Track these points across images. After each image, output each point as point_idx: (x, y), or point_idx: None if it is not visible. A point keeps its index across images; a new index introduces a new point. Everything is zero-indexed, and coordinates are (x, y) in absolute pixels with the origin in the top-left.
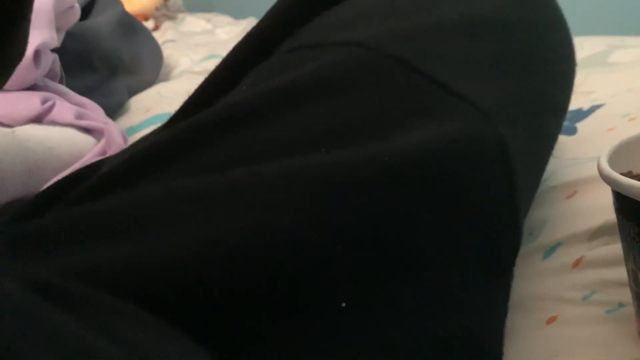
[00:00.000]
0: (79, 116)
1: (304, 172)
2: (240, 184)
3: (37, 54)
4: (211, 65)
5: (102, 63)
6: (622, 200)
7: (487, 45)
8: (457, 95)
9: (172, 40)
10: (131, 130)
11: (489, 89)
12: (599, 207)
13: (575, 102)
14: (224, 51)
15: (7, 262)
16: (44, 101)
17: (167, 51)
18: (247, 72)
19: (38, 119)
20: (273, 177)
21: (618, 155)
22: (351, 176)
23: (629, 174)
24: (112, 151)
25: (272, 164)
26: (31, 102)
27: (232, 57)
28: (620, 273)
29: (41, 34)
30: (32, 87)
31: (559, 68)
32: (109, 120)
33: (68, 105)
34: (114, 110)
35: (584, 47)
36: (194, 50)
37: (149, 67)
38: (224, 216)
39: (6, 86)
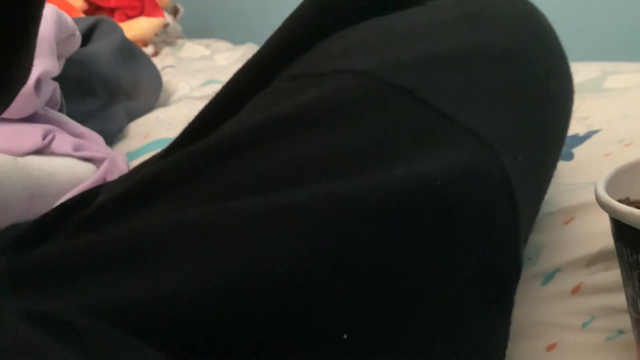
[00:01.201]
0: (77, 148)
1: (305, 203)
2: (242, 217)
3: (38, 82)
4: (210, 90)
5: (102, 89)
6: (620, 228)
7: (487, 74)
8: (459, 125)
9: (172, 66)
10: (130, 155)
11: (490, 118)
12: (597, 233)
13: (571, 128)
14: (222, 76)
15: (7, 294)
16: (44, 135)
17: (166, 77)
18: (248, 99)
19: (38, 152)
20: (275, 210)
21: (615, 181)
22: (353, 207)
23: (626, 200)
24: (115, 178)
25: (274, 195)
26: (32, 136)
27: (233, 84)
28: (620, 299)
29: (43, 62)
30: (32, 116)
31: (558, 95)
32: (109, 150)
33: (67, 137)
34: (113, 135)
35: (579, 72)
36: (193, 76)
37: (148, 93)
38: (225, 251)
39: (7, 114)
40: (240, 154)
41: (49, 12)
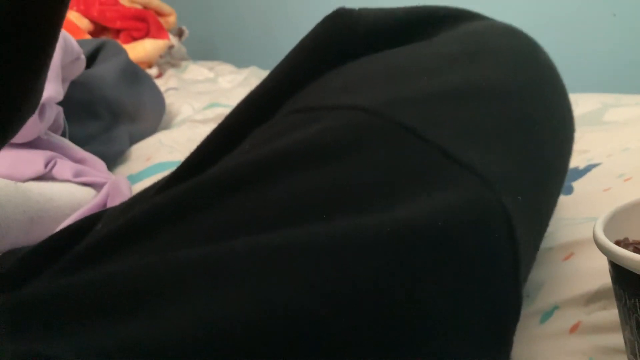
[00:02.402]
0: (78, 174)
1: (306, 242)
2: (244, 256)
3: (42, 107)
4: (212, 113)
5: (105, 111)
6: (619, 271)
7: (489, 112)
8: (461, 164)
9: (175, 88)
10: (131, 178)
11: (492, 156)
12: (596, 270)
13: (571, 161)
14: (225, 100)
15: (6, 334)
16: (46, 163)
17: (169, 99)
18: (251, 130)
19: (39, 178)
20: (276, 249)
21: (614, 221)
22: (354, 247)
23: (625, 241)
24: (118, 203)
25: (275, 234)
26: (35, 163)
27: (236, 114)
28: (618, 339)
29: (47, 88)
30: (35, 140)
31: (559, 132)
32: (111, 175)
33: (68, 163)
34: (114, 158)
35: (579, 104)
36: (196, 98)
37: (151, 116)
38: (227, 295)
39: None
40: (240, 191)
41: None
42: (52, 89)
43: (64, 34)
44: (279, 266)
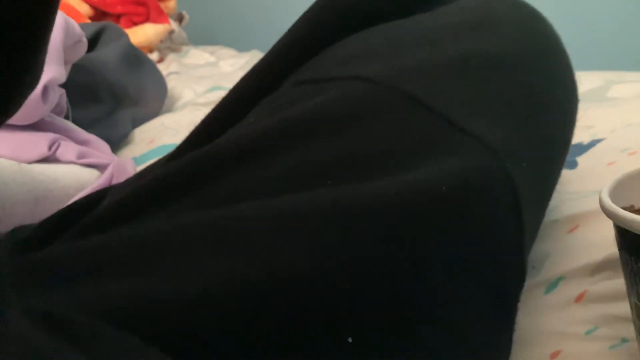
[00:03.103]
0: (81, 155)
1: (311, 208)
2: (249, 220)
3: (45, 90)
4: (215, 97)
5: (108, 95)
6: (625, 235)
7: (493, 81)
8: (465, 132)
9: (176, 72)
10: (135, 161)
11: (496, 125)
12: (601, 241)
13: (576, 136)
14: (227, 83)
15: (13, 293)
16: (50, 145)
17: (171, 83)
18: (254, 103)
19: (43, 160)
20: (281, 214)
21: (619, 189)
22: (358, 213)
23: (631, 208)
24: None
25: (280, 199)
26: (39, 146)
27: (240, 88)
28: (624, 307)
29: (50, 70)
30: (38, 122)
31: (563, 103)
32: (114, 157)
33: (71, 145)
34: (118, 142)
35: (582, 82)
36: (197, 82)
37: (153, 99)
38: (232, 255)
39: (13, 121)
40: (246, 159)
41: (56, 18)
42: (55, 71)
43: (65, 16)
44: (284, 229)
